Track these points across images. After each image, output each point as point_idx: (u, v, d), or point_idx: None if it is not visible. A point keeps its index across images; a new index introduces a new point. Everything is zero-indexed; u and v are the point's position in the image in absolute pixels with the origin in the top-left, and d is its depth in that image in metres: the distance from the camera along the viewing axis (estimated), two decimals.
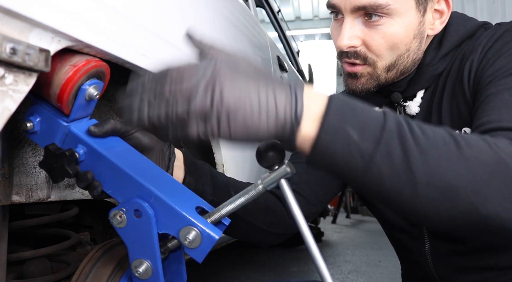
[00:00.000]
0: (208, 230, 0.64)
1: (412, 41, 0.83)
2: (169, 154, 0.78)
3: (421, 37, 0.85)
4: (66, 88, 0.63)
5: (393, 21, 0.80)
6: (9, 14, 0.48)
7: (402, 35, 0.81)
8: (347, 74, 0.88)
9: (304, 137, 0.53)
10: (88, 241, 1.13)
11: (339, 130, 0.52)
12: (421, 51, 0.87)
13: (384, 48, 0.82)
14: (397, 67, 0.85)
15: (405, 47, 0.83)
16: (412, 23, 0.82)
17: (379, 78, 0.86)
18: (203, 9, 1.10)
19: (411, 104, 0.92)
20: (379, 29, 0.81)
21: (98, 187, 0.67)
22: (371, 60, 0.84)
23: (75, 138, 0.68)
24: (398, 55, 0.83)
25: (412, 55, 0.85)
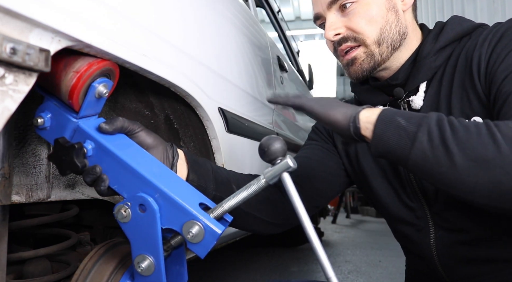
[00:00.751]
0: (211, 225, 0.65)
1: (387, 14, 0.93)
2: (172, 153, 0.81)
3: (395, 10, 0.94)
4: (77, 84, 0.65)
5: (363, 2, 0.92)
6: (9, 14, 0.48)
7: (375, 10, 0.92)
8: (346, 64, 0.96)
9: (367, 121, 0.72)
10: (88, 241, 1.13)
11: (391, 120, 0.70)
12: (403, 25, 0.95)
13: (365, 25, 0.92)
14: (385, 41, 0.93)
15: (383, 20, 0.92)
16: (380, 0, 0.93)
17: (374, 54, 0.93)
18: (203, 9, 1.10)
19: (414, 98, 0.95)
20: (354, 12, 0.92)
21: (106, 181, 0.69)
22: (360, 39, 0.93)
23: (84, 134, 0.70)
24: (380, 28, 0.92)
25: (394, 27, 0.93)
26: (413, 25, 0.98)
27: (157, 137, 0.79)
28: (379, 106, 0.98)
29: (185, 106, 1.05)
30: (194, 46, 1.00)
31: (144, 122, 1.05)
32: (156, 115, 1.06)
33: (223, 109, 1.16)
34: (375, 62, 0.94)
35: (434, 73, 0.94)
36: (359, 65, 0.94)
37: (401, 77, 0.96)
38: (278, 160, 0.65)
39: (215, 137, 1.11)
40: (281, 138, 0.65)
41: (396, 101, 0.98)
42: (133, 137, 0.76)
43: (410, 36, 0.97)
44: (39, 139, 0.85)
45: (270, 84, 1.86)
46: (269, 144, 0.65)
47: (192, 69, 0.97)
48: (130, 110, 1.04)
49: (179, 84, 0.89)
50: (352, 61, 0.95)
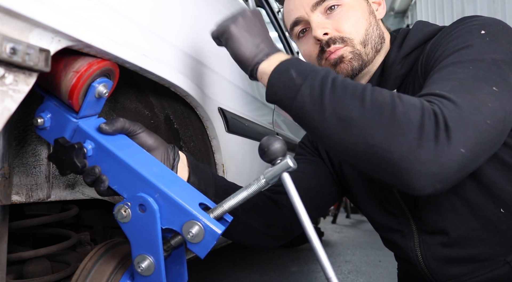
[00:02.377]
0: (211, 225, 0.65)
1: (369, 17, 0.97)
2: (173, 155, 0.81)
3: (374, 15, 0.99)
4: (77, 84, 0.65)
5: (348, 6, 0.95)
6: (9, 14, 0.48)
7: (359, 12, 0.96)
8: (332, 64, 0.97)
9: (264, 70, 0.79)
10: (88, 241, 1.13)
11: (285, 71, 0.75)
12: (381, 30, 0.99)
13: (351, 25, 0.95)
14: (370, 42, 0.96)
15: (367, 22, 0.96)
16: (361, 4, 0.97)
17: (361, 54, 0.95)
18: (203, 9, 1.10)
19: None
20: (339, 13, 0.95)
21: (105, 181, 0.70)
22: (347, 39, 0.95)
23: (84, 134, 0.70)
24: (365, 29, 0.95)
25: (375, 30, 0.97)
26: (386, 33, 1.02)
27: (158, 138, 0.80)
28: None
29: (185, 106, 1.05)
30: (194, 46, 1.00)
31: (144, 122, 1.05)
32: (156, 115, 1.06)
33: (223, 109, 1.16)
34: (362, 61, 0.96)
35: (402, 81, 0.96)
36: (348, 63, 0.95)
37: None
38: (278, 160, 0.65)
39: (215, 137, 1.10)
40: (281, 138, 0.65)
41: None
42: (134, 138, 0.77)
43: (385, 43, 1.00)
44: (39, 139, 0.85)
45: None
46: (269, 144, 0.65)
47: (192, 69, 0.97)
48: (130, 110, 1.04)
49: (179, 84, 0.89)
50: (340, 60, 0.95)
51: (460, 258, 0.91)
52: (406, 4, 9.36)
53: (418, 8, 8.10)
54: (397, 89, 0.97)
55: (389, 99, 0.66)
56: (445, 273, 0.94)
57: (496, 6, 5.64)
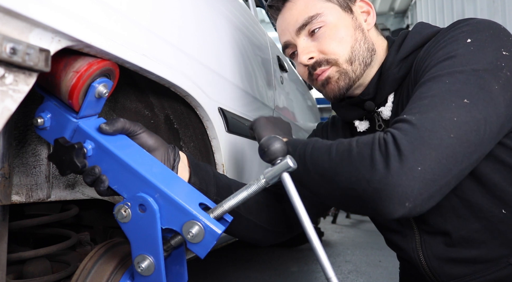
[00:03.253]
0: (211, 225, 0.65)
1: (355, 32, 0.97)
2: (174, 155, 0.81)
3: (361, 29, 0.98)
4: (77, 84, 0.65)
5: (331, 25, 0.96)
6: (9, 14, 0.48)
7: (343, 30, 0.96)
8: (321, 85, 1.00)
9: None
10: (88, 241, 1.13)
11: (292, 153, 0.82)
12: (370, 42, 0.99)
13: (335, 45, 0.95)
14: (357, 58, 0.96)
15: (352, 38, 0.96)
16: (346, 20, 0.97)
17: (348, 72, 0.96)
18: (203, 9, 1.10)
19: (383, 109, 0.99)
20: (324, 35, 0.96)
21: (105, 181, 0.70)
22: (332, 60, 0.96)
23: (84, 134, 0.70)
24: (351, 46, 0.96)
25: (363, 44, 0.97)
26: (379, 41, 1.02)
27: (159, 139, 0.80)
28: (355, 121, 1.08)
29: (185, 106, 1.05)
30: (194, 46, 1.00)
31: (144, 122, 1.05)
32: (156, 115, 1.06)
33: (223, 109, 1.16)
34: (349, 79, 0.97)
35: (400, 84, 0.96)
36: (335, 83, 0.97)
37: (371, 92, 1.00)
38: (278, 160, 0.65)
39: (215, 137, 1.10)
40: (281, 138, 0.65)
41: (370, 114, 1.03)
42: (135, 138, 0.77)
43: (378, 52, 1.00)
44: (39, 139, 0.84)
45: (270, 84, 1.86)
46: (269, 144, 0.65)
47: (192, 69, 0.97)
48: (130, 110, 1.04)
49: (179, 84, 0.89)
50: (326, 81, 0.98)
51: (462, 259, 0.91)
52: (406, 4, 9.36)
53: (418, 8, 8.10)
54: (394, 92, 0.97)
55: (347, 146, 0.73)
56: (447, 273, 0.94)
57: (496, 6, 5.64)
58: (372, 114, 1.02)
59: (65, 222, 1.27)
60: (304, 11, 0.97)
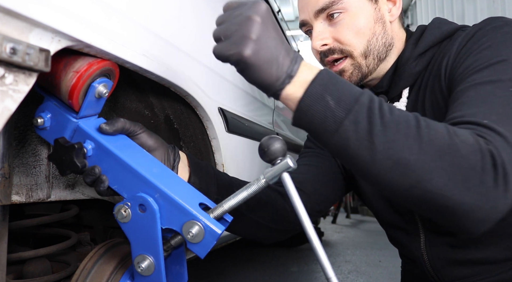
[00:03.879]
0: (211, 225, 0.65)
1: (375, 25, 0.92)
2: (174, 155, 0.81)
3: (382, 21, 0.94)
4: (77, 84, 0.65)
5: (351, 13, 0.91)
6: (9, 14, 0.48)
7: (363, 21, 0.91)
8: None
9: (290, 96, 0.65)
10: (88, 241, 1.13)
11: (320, 97, 0.62)
12: (389, 36, 0.95)
13: (352, 37, 0.91)
14: (371, 53, 0.93)
15: (370, 32, 0.92)
16: (368, 11, 0.92)
17: (361, 67, 0.93)
18: (203, 8, 1.10)
19: (397, 105, 0.96)
20: (342, 23, 0.91)
21: (105, 181, 0.70)
22: (347, 51, 0.92)
23: (84, 134, 0.70)
24: (367, 40, 0.92)
25: (380, 39, 0.93)
26: (399, 34, 0.98)
27: (159, 139, 0.80)
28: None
29: (185, 106, 1.05)
30: (194, 46, 1.00)
31: (144, 122, 1.05)
32: (156, 115, 1.06)
33: (223, 109, 1.16)
34: (362, 74, 0.94)
35: (416, 79, 0.94)
36: (348, 78, 0.95)
37: (385, 85, 0.98)
38: (278, 160, 0.65)
39: (215, 137, 1.10)
40: (281, 138, 0.65)
41: None
42: (134, 138, 0.77)
43: (396, 45, 0.97)
44: (39, 139, 0.85)
45: None
46: (269, 144, 0.65)
47: (192, 69, 0.97)
48: (130, 110, 1.04)
49: (179, 84, 0.89)
50: (340, 73, 0.95)
51: (467, 260, 0.90)
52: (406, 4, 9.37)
53: (418, 8, 8.11)
54: (409, 87, 0.95)
55: (448, 140, 0.60)
56: (450, 273, 0.93)
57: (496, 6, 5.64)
58: None
59: (65, 222, 1.27)
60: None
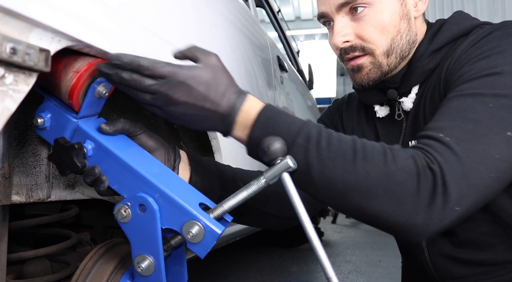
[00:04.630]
0: (211, 225, 0.65)
1: (400, 22, 0.88)
2: (174, 155, 0.80)
3: (407, 18, 0.89)
4: (77, 84, 0.65)
5: (376, 9, 0.86)
6: (9, 14, 0.48)
7: (388, 18, 0.87)
8: (351, 70, 0.93)
9: (238, 138, 0.73)
10: (88, 241, 1.13)
11: (260, 142, 0.67)
12: (413, 33, 0.91)
13: (376, 34, 0.87)
14: (394, 51, 0.89)
15: (395, 29, 0.88)
16: (394, 6, 0.87)
17: (382, 65, 0.90)
18: (203, 9, 1.10)
19: (405, 100, 0.95)
20: (366, 19, 0.86)
21: (105, 182, 0.70)
22: (369, 49, 0.89)
23: (84, 134, 0.70)
24: (391, 38, 0.88)
25: (405, 37, 0.89)
26: (422, 29, 0.94)
27: (159, 139, 0.79)
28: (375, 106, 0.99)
29: None
30: None
31: (144, 122, 1.05)
32: (156, 115, 1.06)
33: None
34: (382, 72, 0.91)
35: (427, 76, 0.91)
36: (365, 74, 0.91)
37: (398, 80, 0.95)
38: (278, 160, 0.65)
39: (215, 137, 1.11)
40: (281, 138, 0.65)
41: (391, 102, 0.98)
42: (135, 139, 0.77)
43: (419, 40, 0.93)
44: (39, 139, 0.84)
45: (270, 84, 1.86)
46: (269, 144, 0.65)
47: None
48: (130, 110, 1.04)
49: None
50: (358, 68, 0.91)
51: (468, 260, 0.90)
52: None
53: None
54: (420, 84, 0.92)
55: (383, 170, 0.64)
56: (451, 272, 0.93)
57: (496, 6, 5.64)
58: (394, 102, 0.97)
59: (65, 222, 1.27)
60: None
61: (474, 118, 0.69)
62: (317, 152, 0.65)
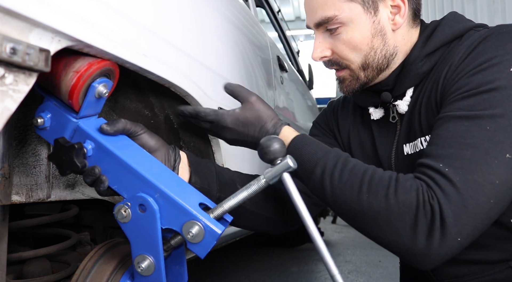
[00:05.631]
0: (211, 225, 0.65)
1: (373, 40, 0.91)
2: (174, 156, 0.81)
3: (381, 34, 0.91)
4: (77, 84, 0.65)
5: (349, 28, 0.90)
6: (9, 14, 0.48)
7: (359, 37, 0.90)
8: (336, 79, 0.99)
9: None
10: (88, 241, 1.13)
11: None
12: (391, 46, 0.93)
13: (348, 52, 0.92)
14: (370, 65, 0.92)
15: (368, 47, 0.91)
16: (365, 25, 0.89)
17: (360, 78, 0.94)
18: (203, 9, 1.10)
19: (400, 103, 0.96)
20: (339, 37, 0.91)
21: (105, 182, 0.70)
22: (344, 64, 0.94)
23: (84, 134, 0.70)
24: (364, 55, 0.91)
25: (379, 52, 0.92)
26: (407, 37, 0.94)
27: (160, 139, 0.80)
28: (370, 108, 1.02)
29: None
30: (194, 46, 1.00)
31: (144, 122, 1.05)
32: (156, 115, 1.06)
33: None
34: (361, 83, 0.95)
35: (421, 79, 0.92)
36: (346, 86, 0.96)
37: (391, 83, 0.96)
38: (278, 160, 0.65)
39: (215, 137, 1.10)
40: (281, 138, 0.65)
41: (385, 104, 1.00)
42: (135, 139, 0.77)
43: (402, 50, 0.94)
44: (39, 139, 0.84)
45: (270, 84, 1.86)
46: (268, 144, 0.65)
47: (192, 69, 0.97)
48: (130, 110, 1.04)
49: (179, 84, 0.89)
50: (340, 80, 0.97)
51: (464, 260, 0.90)
52: None
53: None
54: (414, 87, 0.93)
55: (384, 204, 0.71)
56: (447, 272, 0.93)
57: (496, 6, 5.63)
58: (388, 105, 0.99)
59: (65, 222, 1.27)
60: (322, 8, 0.90)
61: (472, 144, 0.71)
62: (330, 181, 0.77)
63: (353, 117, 1.11)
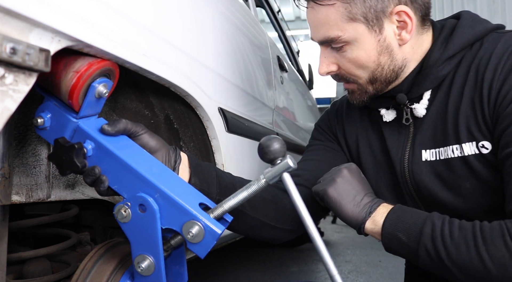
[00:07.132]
0: (211, 225, 0.65)
1: (379, 57, 0.89)
2: (175, 156, 0.80)
3: (388, 51, 0.89)
4: (77, 84, 0.65)
5: (354, 47, 0.88)
6: (9, 14, 0.48)
7: (364, 56, 0.88)
8: (345, 90, 0.99)
9: (372, 232, 0.86)
10: (88, 241, 1.13)
11: (393, 236, 0.82)
12: (399, 60, 0.91)
13: (355, 70, 0.91)
14: (378, 79, 0.92)
15: (374, 64, 0.90)
16: (370, 44, 0.88)
17: (368, 90, 0.93)
18: (203, 9, 1.10)
19: (417, 106, 0.93)
20: (345, 55, 0.90)
21: (105, 182, 0.70)
22: (352, 79, 0.93)
23: (84, 134, 0.70)
24: (371, 71, 0.90)
25: (387, 68, 0.90)
26: (417, 44, 0.92)
27: (160, 140, 0.79)
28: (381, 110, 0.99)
29: (185, 106, 1.05)
30: (194, 46, 1.00)
31: (144, 122, 1.05)
32: (156, 115, 1.06)
33: (223, 109, 1.16)
34: (370, 96, 0.95)
35: (441, 82, 0.90)
36: (356, 98, 0.96)
37: (405, 88, 0.94)
38: (278, 160, 0.65)
39: (215, 137, 1.10)
40: (281, 138, 0.65)
41: (399, 106, 0.97)
42: (136, 139, 0.76)
43: (413, 58, 0.92)
44: (39, 139, 0.84)
45: (270, 84, 1.86)
46: (269, 144, 0.65)
47: (192, 69, 0.97)
48: (130, 110, 1.04)
49: (179, 84, 0.89)
50: (349, 91, 0.97)
51: None
52: None
53: None
54: (432, 90, 0.92)
55: (506, 254, 0.71)
56: None
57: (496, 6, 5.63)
58: (402, 106, 0.96)
59: (65, 222, 1.27)
60: (325, 28, 0.88)
61: None
62: (443, 240, 0.77)
63: (361, 119, 1.08)
